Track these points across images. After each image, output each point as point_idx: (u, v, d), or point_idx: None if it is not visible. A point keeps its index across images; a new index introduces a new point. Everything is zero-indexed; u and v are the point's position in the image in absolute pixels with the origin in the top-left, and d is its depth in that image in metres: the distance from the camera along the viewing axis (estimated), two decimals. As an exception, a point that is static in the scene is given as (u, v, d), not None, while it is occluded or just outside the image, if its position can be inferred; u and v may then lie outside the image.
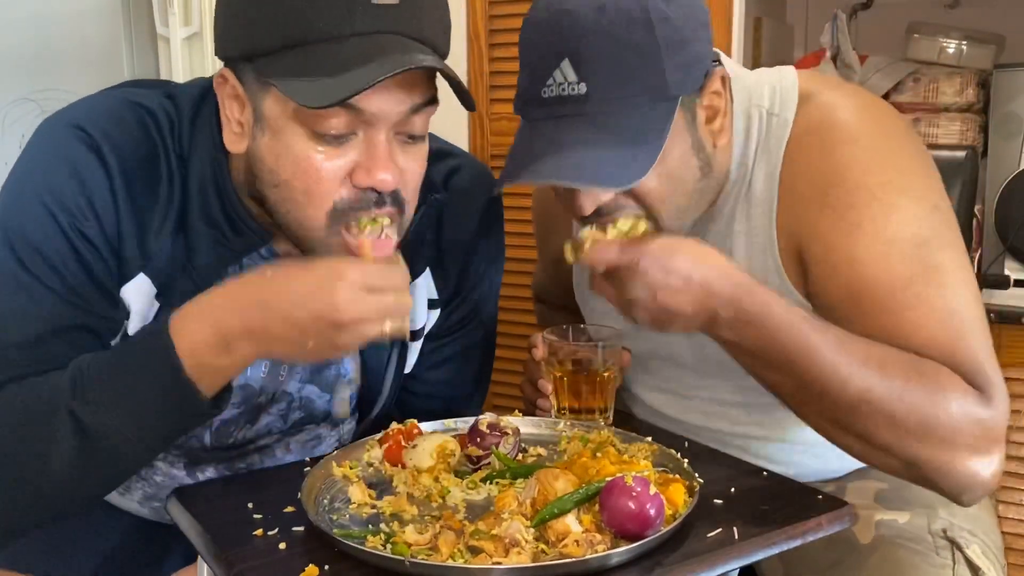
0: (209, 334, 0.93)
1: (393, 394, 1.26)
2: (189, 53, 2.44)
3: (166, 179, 1.04)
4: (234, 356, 0.94)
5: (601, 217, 1.08)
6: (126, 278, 1.03)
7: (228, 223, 1.06)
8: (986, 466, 0.98)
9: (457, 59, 2.40)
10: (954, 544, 1.12)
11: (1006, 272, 1.79)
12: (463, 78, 2.40)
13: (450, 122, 1.45)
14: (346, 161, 0.98)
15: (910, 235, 1.04)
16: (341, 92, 0.90)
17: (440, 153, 1.22)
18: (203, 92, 1.08)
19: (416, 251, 1.18)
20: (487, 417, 1.14)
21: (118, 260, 1.02)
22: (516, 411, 1.23)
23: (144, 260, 1.03)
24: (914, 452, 0.97)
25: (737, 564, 0.91)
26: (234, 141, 1.02)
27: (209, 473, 1.20)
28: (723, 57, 1.14)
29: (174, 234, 1.04)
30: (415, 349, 1.26)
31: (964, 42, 1.95)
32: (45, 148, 1.02)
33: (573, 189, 1.06)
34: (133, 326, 1.06)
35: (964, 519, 1.16)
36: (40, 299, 0.99)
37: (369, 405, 1.26)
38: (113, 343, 1.06)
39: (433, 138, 1.17)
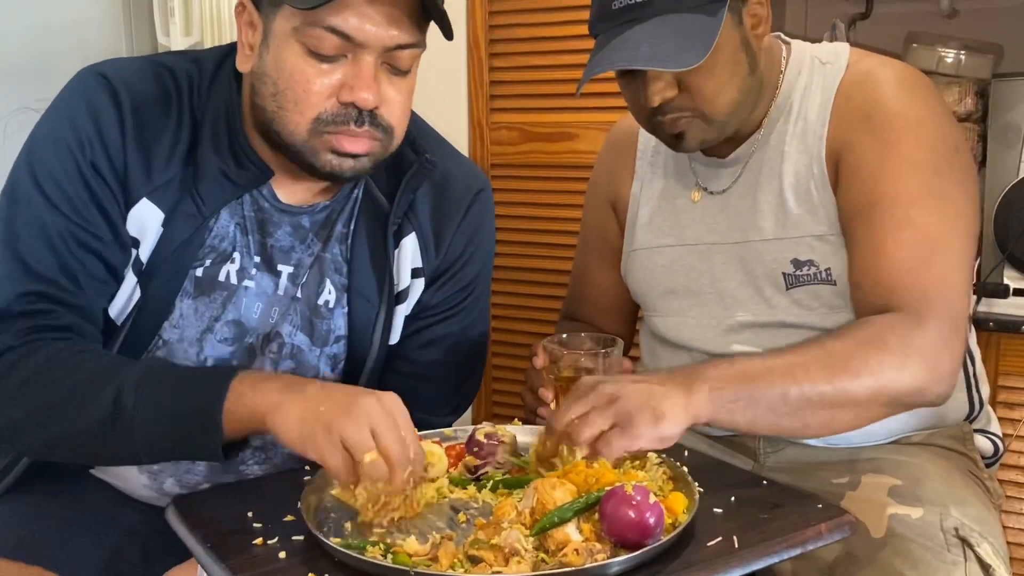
0: (257, 376, 1.06)
1: (379, 361, 1.29)
2: (190, 63, 2.45)
3: (175, 119, 1.18)
4: (256, 392, 1.03)
5: (664, 115, 1.23)
6: (131, 203, 1.16)
7: (233, 157, 1.19)
8: (936, 368, 1.14)
9: (457, 68, 2.41)
10: (965, 543, 1.14)
11: (1005, 281, 1.78)
12: (463, 87, 2.41)
13: (450, 131, 1.47)
14: (334, 79, 1.11)
15: (930, 164, 1.20)
16: None
17: (439, 140, 1.34)
18: (226, 53, 1.23)
19: (405, 211, 1.27)
20: (484, 427, 1.14)
21: (123, 187, 1.16)
22: (516, 420, 1.23)
23: (149, 187, 1.16)
24: (884, 393, 1.12)
25: (737, 573, 0.91)
26: (244, 61, 1.16)
27: None
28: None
29: (183, 164, 1.18)
30: (400, 315, 1.30)
31: (962, 52, 1.95)
32: (72, 91, 1.18)
33: (643, 84, 1.22)
34: (144, 252, 1.17)
35: (975, 521, 1.17)
36: (53, 221, 1.13)
37: (356, 368, 1.28)
38: (125, 271, 1.18)
39: (433, 132, 1.33)
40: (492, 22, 2.35)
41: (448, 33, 1.14)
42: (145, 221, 1.16)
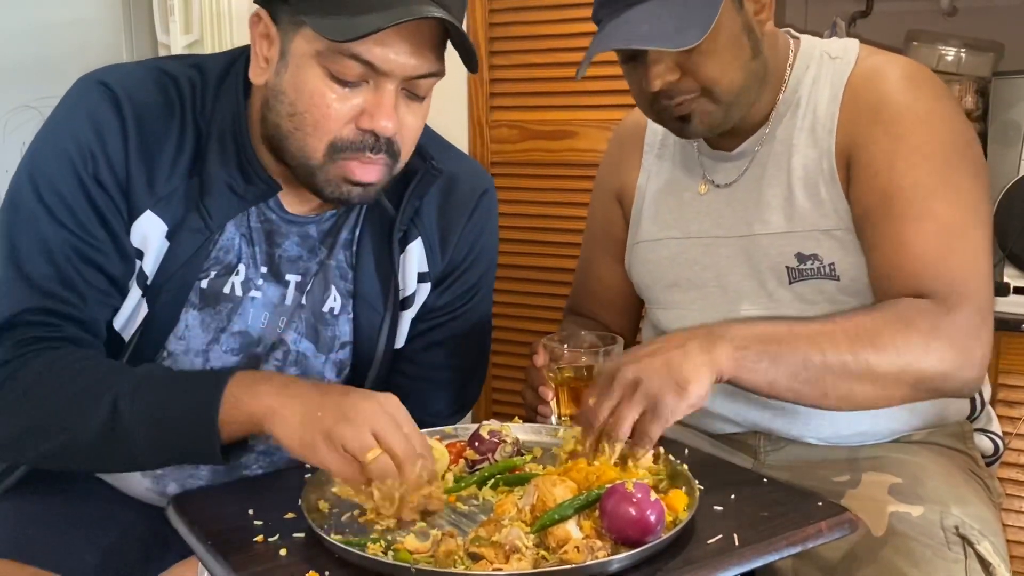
0: (252, 378, 1.05)
1: (384, 366, 1.29)
2: (190, 61, 2.44)
3: (178, 128, 1.16)
4: (253, 397, 1.01)
5: (670, 99, 1.23)
6: (135, 215, 1.15)
7: (241, 172, 1.17)
8: (964, 353, 1.13)
9: (457, 67, 2.41)
10: (966, 541, 1.14)
11: (1005, 279, 1.79)
12: (463, 87, 2.41)
13: (450, 130, 1.47)
14: (354, 105, 1.09)
15: (942, 156, 1.20)
16: (360, 30, 1.03)
17: (445, 145, 1.33)
18: (231, 61, 1.21)
19: (411, 217, 1.26)
20: (490, 424, 1.14)
21: (127, 199, 1.14)
22: (516, 418, 1.23)
23: (153, 199, 1.15)
24: (910, 377, 1.12)
25: (737, 570, 0.91)
26: (258, 74, 1.14)
27: None
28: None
29: (188, 176, 1.16)
30: (406, 320, 1.30)
31: (963, 50, 1.95)
32: (73, 100, 1.16)
33: (644, 68, 1.23)
34: (148, 266, 1.16)
35: (975, 519, 1.17)
36: (55, 235, 1.12)
37: (361, 373, 1.28)
38: (129, 284, 1.17)
39: (439, 137, 1.32)
40: (492, 20, 2.35)
41: (472, 65, 1.12)
42: (148, 233, 1.15)
